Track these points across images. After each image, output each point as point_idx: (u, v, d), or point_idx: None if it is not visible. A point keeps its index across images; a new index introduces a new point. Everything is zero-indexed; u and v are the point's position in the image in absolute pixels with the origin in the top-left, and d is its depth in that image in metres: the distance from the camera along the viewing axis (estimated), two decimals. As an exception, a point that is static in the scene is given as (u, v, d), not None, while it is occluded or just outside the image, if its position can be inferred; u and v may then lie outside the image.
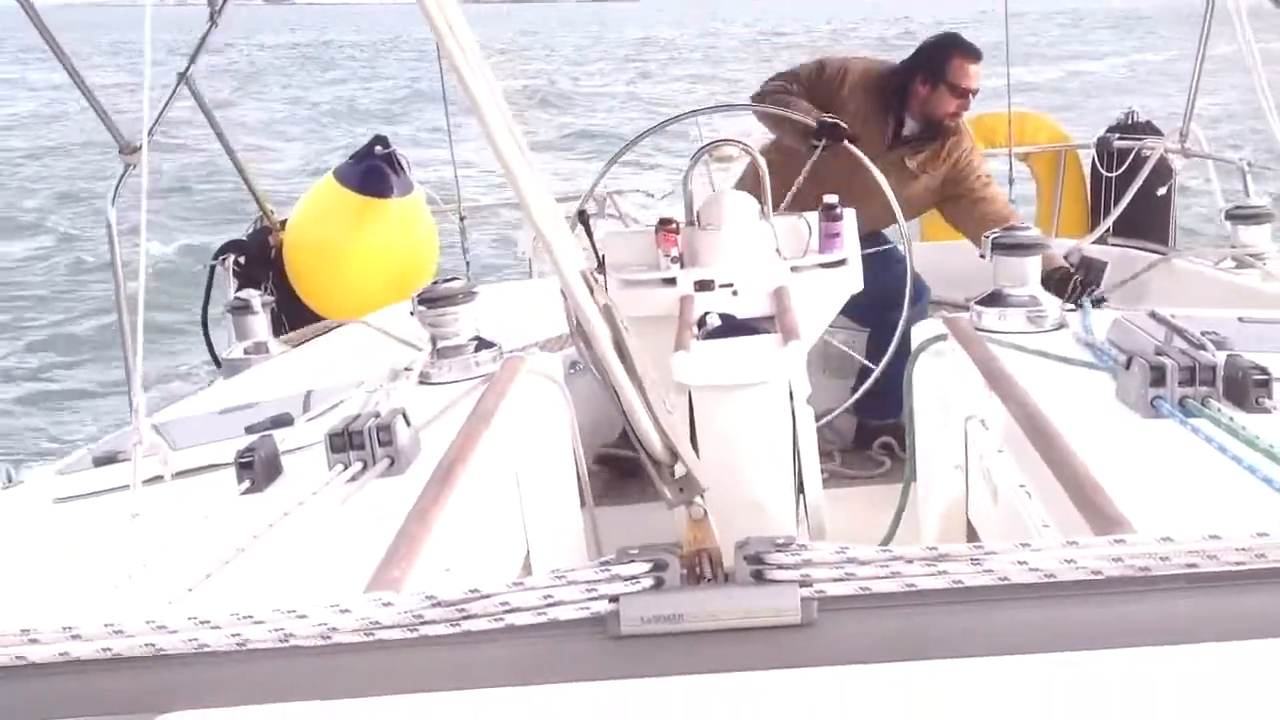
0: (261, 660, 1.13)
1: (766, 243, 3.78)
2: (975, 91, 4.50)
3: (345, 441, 2.05)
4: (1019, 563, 1.13)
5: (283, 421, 2.47)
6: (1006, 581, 1.12)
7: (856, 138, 4.17)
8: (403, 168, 5.15)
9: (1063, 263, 4.55)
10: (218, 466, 2.24)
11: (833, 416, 4.03)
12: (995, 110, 6.51)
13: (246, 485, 2.08)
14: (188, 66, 4.70)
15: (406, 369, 2.79)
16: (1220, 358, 2.05)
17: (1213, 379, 2.00)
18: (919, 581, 1.13)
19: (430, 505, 1.80)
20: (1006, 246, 2.79)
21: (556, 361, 2.90)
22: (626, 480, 3.87)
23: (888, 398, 4.06)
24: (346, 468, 2.02)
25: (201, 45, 4.74)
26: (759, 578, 1.14)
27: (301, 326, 4.77)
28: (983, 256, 2.90)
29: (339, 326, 4.40)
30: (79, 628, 1.15)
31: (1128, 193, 5.44)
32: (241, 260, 5.08)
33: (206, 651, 1.14)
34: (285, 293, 5.00)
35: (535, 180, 1.27)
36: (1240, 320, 2.59)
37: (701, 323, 3.33)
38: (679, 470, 1.38)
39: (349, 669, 1.13)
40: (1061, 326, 2.69)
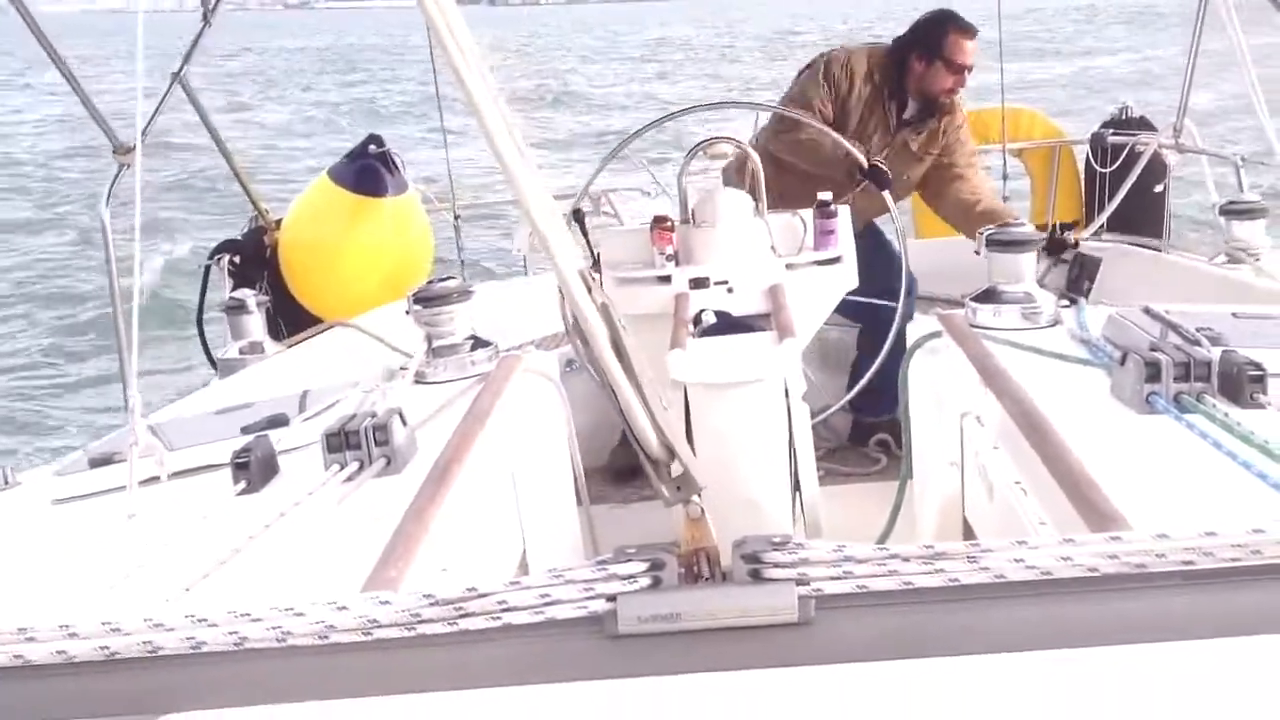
0: (259, 660, 1.13)
1: (761, 240, 3.78)
2: (971, 68, 4.51)
3: (341, 441, 2.05)
4: (1015, 560, 1.13)
5: (279, 421, 2.47)
6: (1003, 579, 1.13)
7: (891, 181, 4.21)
8: (397, 167, 5.15)
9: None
10: (214, 467, 2.24)
11: (828, 414, 4.03)
12: (990, 106, 6.52)
13: (243, 485, 2.08)
14: (181, 67, 4.70)
15: (402, 368, 2.79)
16: (1215, 353, 2.05)
17: (1208, 375, 2.00)
18: (916, 580, 1.13)
19: (427, 505, 1.80)
20: (1001, 243, 2.79)
21: (553, 360, 2.90)
22: (623, 479, 3.87)
23: (883, 395, 4.06)
24: (343, 467, 2.02)
25: (195, 46, 4.74)
26: (756, 576, 1.14)
27: (297, 326, 4.77)
28: (977, 253, 2.90)
29: (334, 326, 4.40)
30: (76, 626, 1.15)
31: (1122, 188, 5.45)
32: (236, 260, 5.08)
33: (204, 651, 1.14)
34: (280, 292, 4.99)
35: (533, 178, 1.27)
36: (1235, 316, 2.60)
37: (697, 320, 3.33)
38: (676, 469, 1.38)
39: (347, 668, 1.13)
40: (1056, 323, 2.69)
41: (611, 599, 1.14)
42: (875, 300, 4.05)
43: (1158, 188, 5.65)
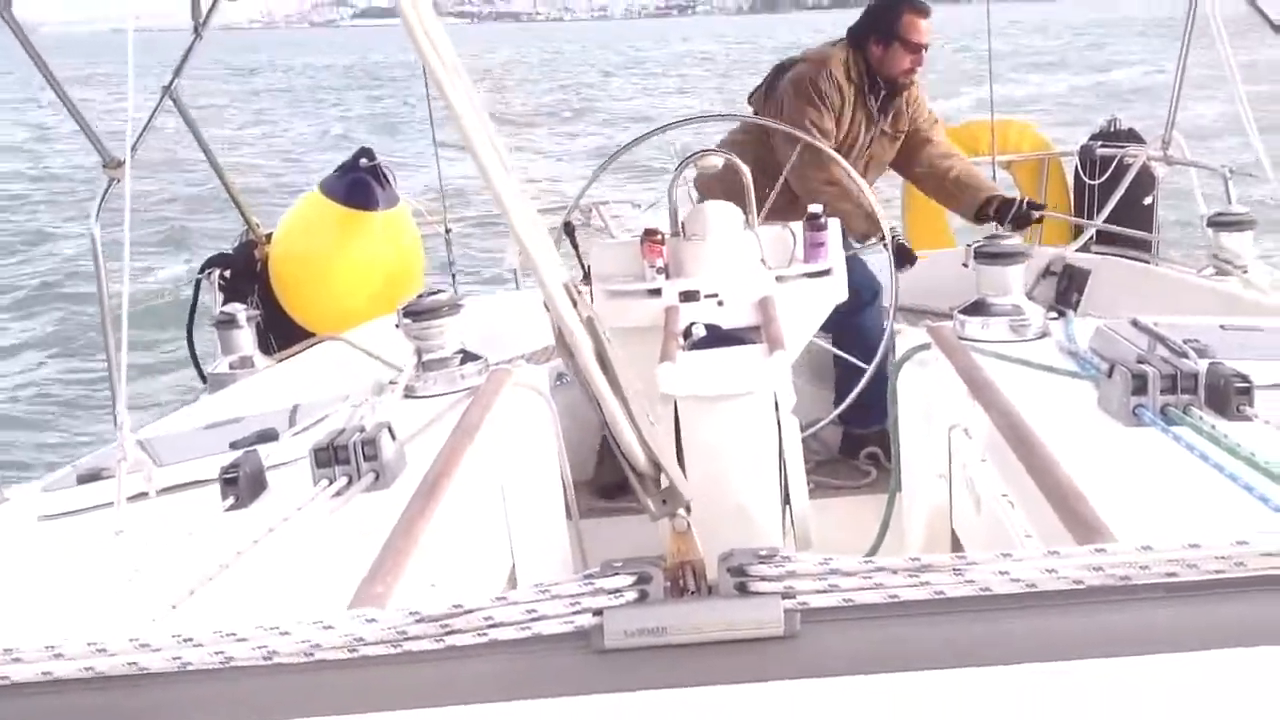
0: (245, 678, 1.13)
1: (751, 253, 3.79)
2: (927, 46, 4.60)
3: (330, 456, 2.04)
4: (1000, 573, 1.13)
5: (268, 436, 2.46)
6: (988, 592, 1.13)
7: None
8: (389, 180, 5.15)
9: (995, 189, 4.71)
10: (203, 482, 2.23)
11: (818, 428, 4.03)
12: (979, 119, 6.54)
13: (231, 501, 2.07)
14: (172, 80, 4.70)
15: (392, 383, 2.79)
16: (1202, 366, 2.05)
17: (1194, 387, 2.00)
18: (901, 593, 1.13)
19: (415, 520, 1.80)
20: (990, 255, 2.80)
21: (542, 374, 2.90)
22: (610, 493, 3.87)
23: (871, 407, 4.07)
24: (331, 482, 2.01)
25: (186, 59, 4.74)
26: (742, 590, 1.14)
27: (287, 340, 4.76)
28: (965, 265, 2.91)
29: (324, 340, 4.40)
30: (61, 646, 1.15)
31: (1111, 200, 5.47)
32: (227, 274, 5.07)
33: (190, 670, 1.14)
34: (271, 307, 4.99)
35: (518, 192, 1.27)
36: (1222, 328, 2.60)
37: (687, 333, 3.33)
38: (664, 482, 1.38)
39: (333, 686, 1.13)
40: (1045, 335, 2.70)
41: (598, 613, 1.14)
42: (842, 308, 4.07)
43: (1146, 200, 5.68)
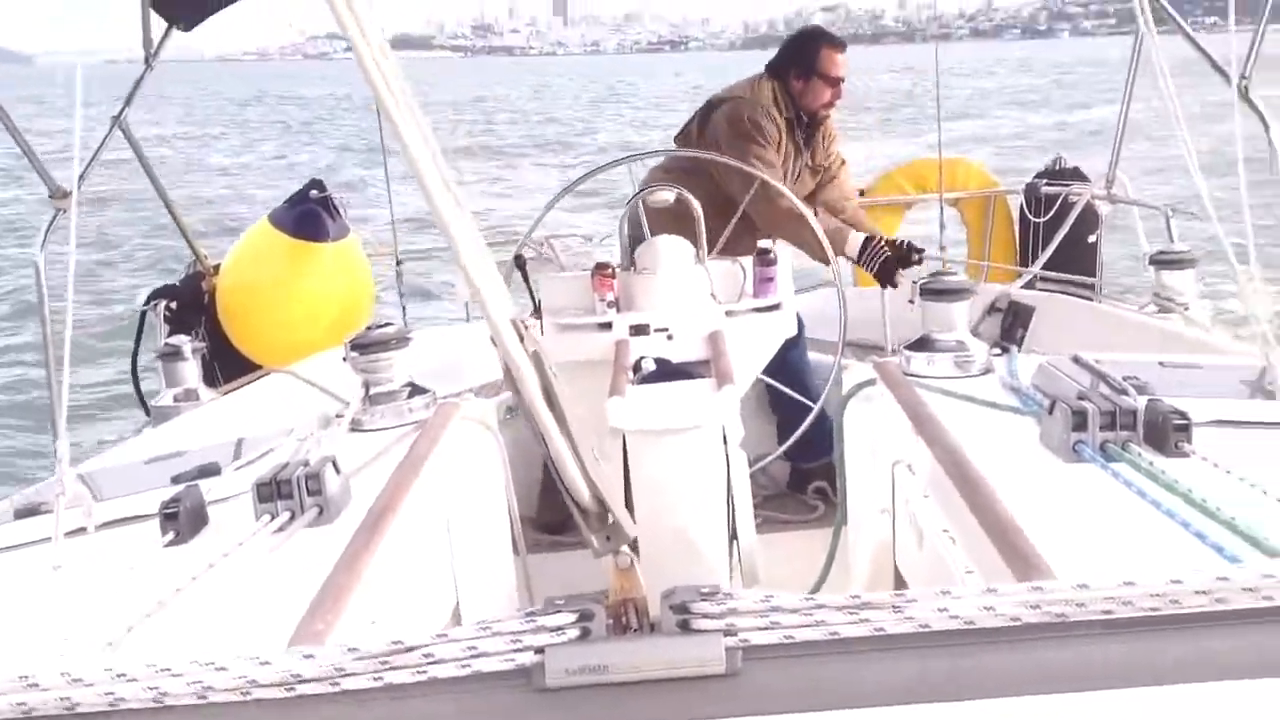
0: (180, 716, 1.11)
1: (702, 287, 3.81)
2: (843, 79, 4.66)
3: (273, 491, 2.02)
4: (940, 610, 1.14)
5: (210, 471, 2.44)
6: (927, 629, 1.13)
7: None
8: (339, 211, 5.13)
9: (879, 233, 4.71)
10: (143, 518, 2.20)
11: (765, 463, 4.05)
12: (926, 157, 6.63)
13: (171, 537, 2.04)
14: (122, 110, 4.68)
15: (338, 416, 2.76)
16: (1141, 402, 2.08)
17: (1133, 424, 2.02)
18: (842, 630, 1.13)
19: (357, 555, 1.78)
20: (934, 292, 2.83)
21: (490, 407, 2.88)
22: (556, 528, 3.86)
23: (815, 442, 4.10)
24: (274, 518, 1.99)
25: (136, 89, 4.72)
26: (684, 627, 1.14)
27: (234, 373, 4.72)
28: (911, 302, 2.94)
29: (271, 373, 4.36)
30: None
31: (1055, 237, 5.56)
32: (173, 306, 5.02)
33: (123, 708, 1.11)
34: (218, 339, 4.95)
35: (466, 225, 1.27)
36: (1161, 365, 2.64)
37: (637, 367, 3.34)
38: (610, 518, 1.38)
39: None
40: (988, 371, 2.72)
41: (539, 651, 1.13)
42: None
43: (1090, 237, 5.77)
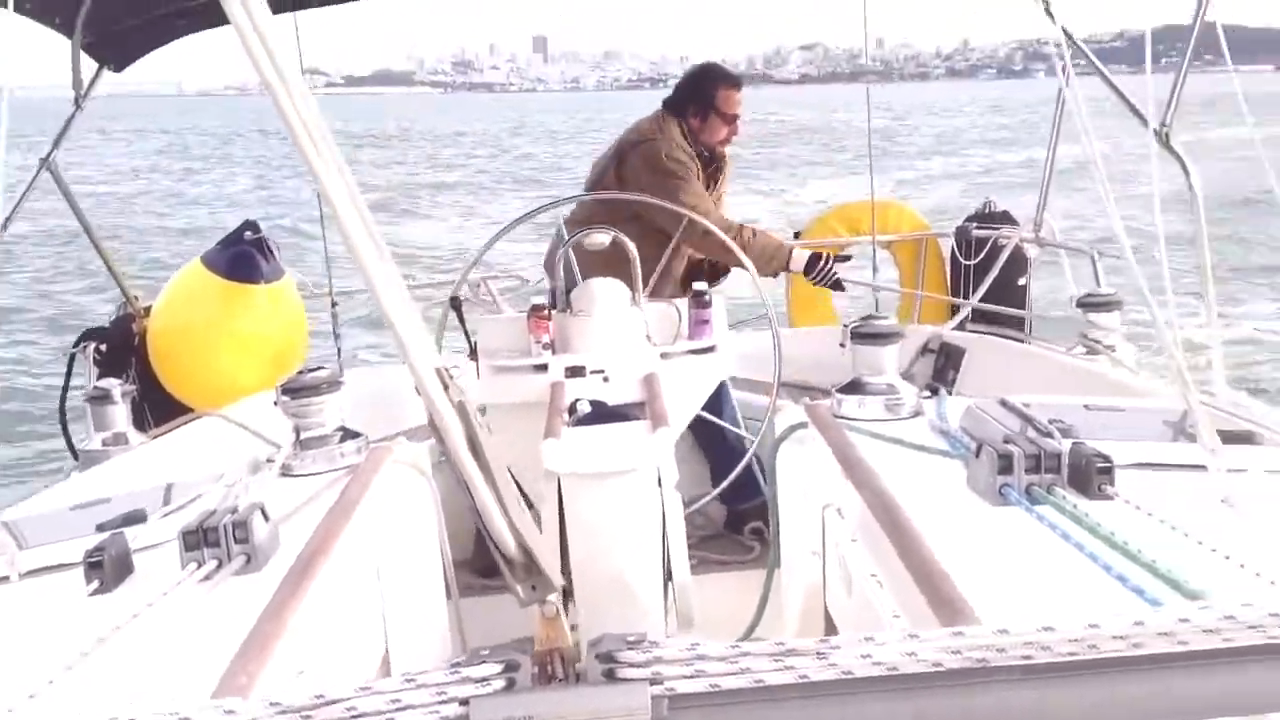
0: None
1: (637, 329, 3.83)
2: (739, 116, 4.79)
3: (199, 539, 1.99)
4: (863, 656, 1.15)
5: (136, 518, 2.40)
6: (851, 675, 1.14)
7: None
8: (273, 253, 5.09)
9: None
10: (67, 566, 2.16)
11: (698, 506, 4.06)
12: (859, 201, 6.72)
13: (96, 585, 2.01)
14: (50, 152, 4.63)
15: (268, 460, 2.73)
16: (1065, 445, 2.11)
17: (1058, 467, 2.05)
18: (767, 677, 1.13)
19: (285, 604, 1.76)
20: (865, 336, 2.87)
21: (424, 451, 2.87)
22: (489, 573, 3.84)
23: (748, 484, 4.14)
24: (200, 566, 1.96)
25: (65, 130, 4.67)
26: (610, 676, 1.14)
27: (165, 416, 4.65)
28: (842, 345, 2.97)
29: (202, 416, 4.30)
30: None
31: (985, 280, 5.65)
32: (103, 348, 4.94)
33: None
34: (148, 382, 4.87)
35: (388, 272, 1.26)
36: (1086, 408, 2.69)
37: (572, 409, 3.35)
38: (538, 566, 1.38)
39: None
40: (918, 414, 2.76)
41: (464, 703, 1.12)
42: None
43: (1021, 280, 5.87)
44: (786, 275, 6.63)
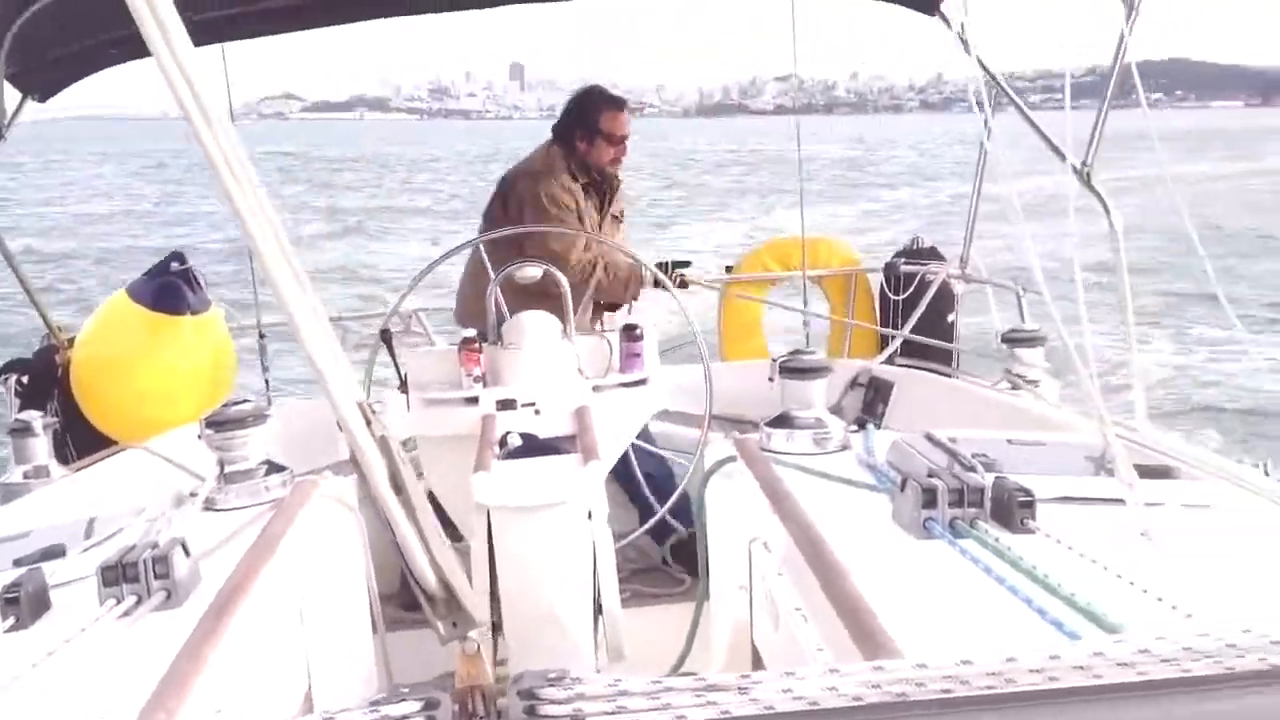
0: None
1: (568, 362, 3.84)
2: (626, 137, 4.81)
3: (118, 574, 1.95)
4: (784, 691, 1.15)
5: (54, 552, 2.35)
6: (772, 711, 1.14)
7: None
8: (200, 284, 5.02)
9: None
10: None
11: (628, 541, 4.06)
12: (790, 236, 6.78)
13: (11, 622, 1.96)
14: None
15: (191, 494, 2.69)
16: (989, 480, 2.13)
17: (981, 500, 2.08)
18: (689, 713, 1.13)
19: (204, 640, 1.73)
20: (793, 370, 2.89)
21: (350, 485, 2.84)
22: (416, 607, 3.81)
23: (679, 517, 4.15)
24: (119, 602, 1.92)
25: None
26: (531, 713, 1.14)
27: (88, 449, 4.56)
28: (771, 380, 3.00)
29: (126, 449, 4.23)
30: None
31: (913, 315, 5.73)
32: (24, 380, 4.85)
33: None
34: (71, 414, 4.77)
35: (309, 306, 1.25)
36: (1009, 442, 2.72)
37: (503, 442, 3.34)
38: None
39: None
40: (845, 448, 2.78)
41: None
42: None
43: (950, 315, 5.96)
44: (719, 310, 6.71)
